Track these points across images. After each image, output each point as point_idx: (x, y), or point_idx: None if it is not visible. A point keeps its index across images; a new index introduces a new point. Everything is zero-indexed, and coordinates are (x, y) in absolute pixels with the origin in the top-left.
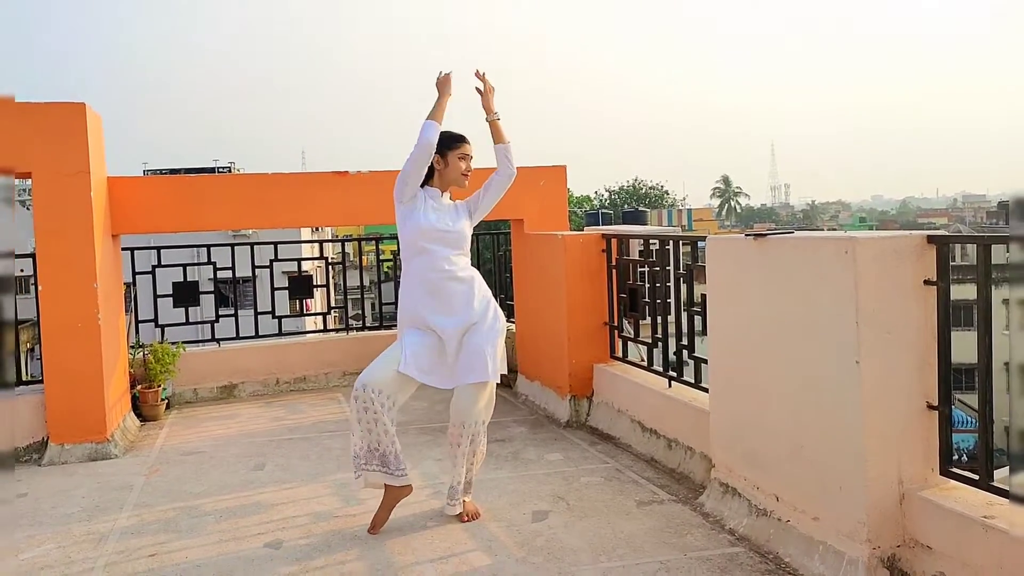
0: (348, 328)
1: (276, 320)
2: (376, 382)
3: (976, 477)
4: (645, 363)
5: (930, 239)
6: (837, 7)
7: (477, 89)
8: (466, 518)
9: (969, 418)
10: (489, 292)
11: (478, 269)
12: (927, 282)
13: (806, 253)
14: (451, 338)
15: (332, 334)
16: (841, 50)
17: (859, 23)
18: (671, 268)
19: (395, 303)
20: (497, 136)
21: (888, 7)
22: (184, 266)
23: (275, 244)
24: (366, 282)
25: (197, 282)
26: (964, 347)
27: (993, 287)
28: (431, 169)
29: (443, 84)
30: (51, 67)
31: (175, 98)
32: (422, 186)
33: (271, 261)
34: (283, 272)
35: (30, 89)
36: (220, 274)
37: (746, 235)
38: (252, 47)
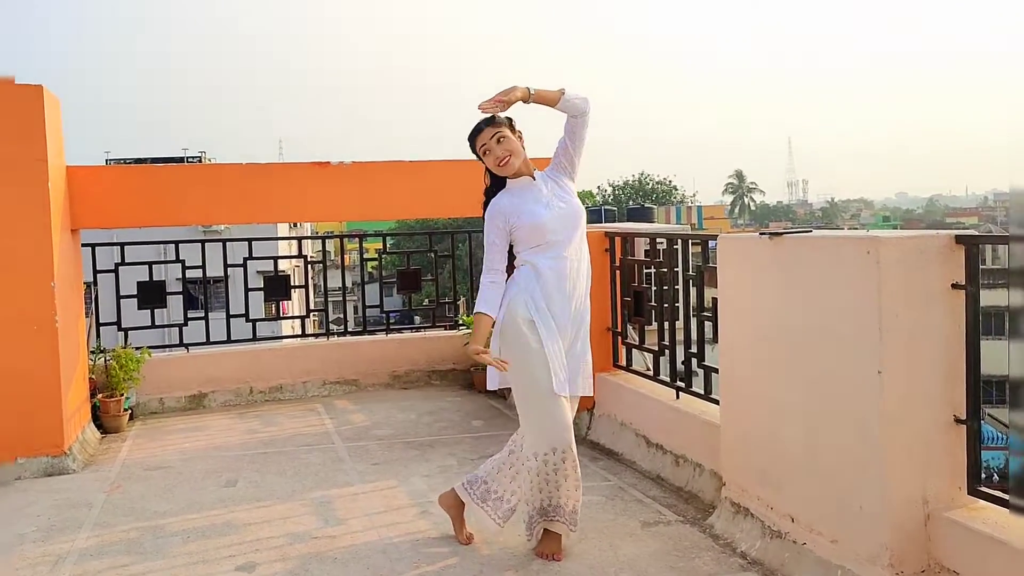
0: (329, 333)
1: (250, 324)
2: (566, 432)
3: (1008, 497)
4: (651, 372)
5: (958, 239)
6: None
7: (484, 106)
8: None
9: (999, 434)
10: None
11: (469, 270)
12: (955, 286)
13: (825, 254)
14: (571, 336)
15: (311, 339)
16: (863, 35)
17: (883, 7)
18: (679, 270)
19: (379, 305)
20: (549, 101)
21: None
22: (150, 264)
23: (249, 241)
24: (348, 283)
25: (164, 282)
26: (994, 357)
27: None
28: (490, 172)
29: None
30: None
31: (140, 84)
32: (494, 195)
33: (245, 259)
34: (258, 272)
35: None
36: (189, 273)
37: (761, 234)
38: (224, 28)
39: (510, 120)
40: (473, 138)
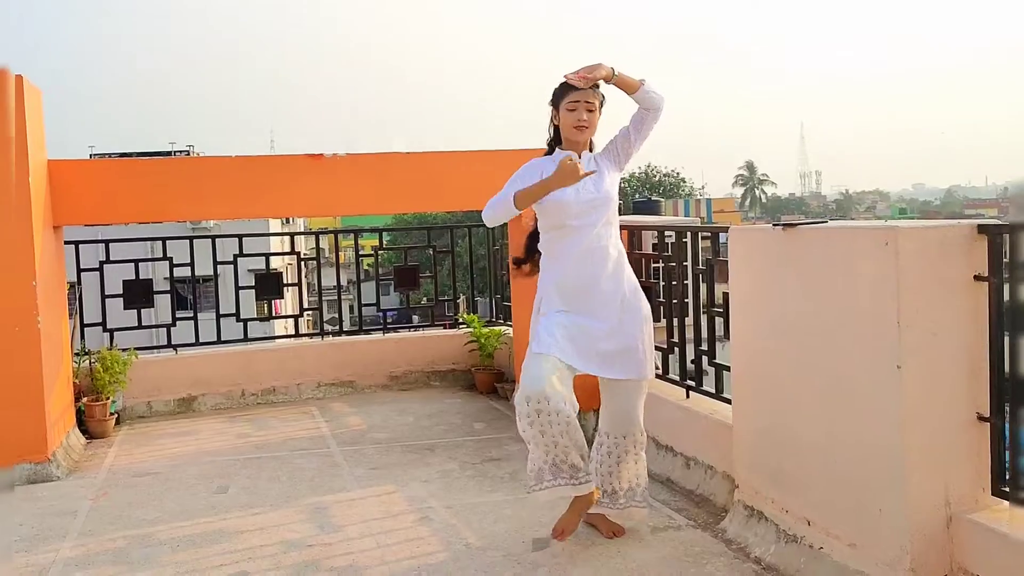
0: (324, 333)
1: (241, 324)
2: (537, 384)
3: None
4: (660, 371)
5: (981, 229)
6: None
7: (569, 77)
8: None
9: None
10: (633, 274)
11: (469, 266)
12: (977, 277)
13: (842, 245)
14: (599, 325)
15: (305, 340)
16: (878, 17)
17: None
18: (689, 264)
19: (376, 303)
20: (629, 87)
21: None
22: (136, 262)
23: (240, 237)
24: (343, 281)
25: (151, 280)
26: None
27: None
28: (556, 131)
29: (567, 180)
30: None
31: (125, 75)
32: (550, 153)
33: (235, 256)
34: (249, 270)
35: None
36: (177, 271)
37: (774, 225)
38: (212, 16)
39: (604, 98)
40: (567, 90)
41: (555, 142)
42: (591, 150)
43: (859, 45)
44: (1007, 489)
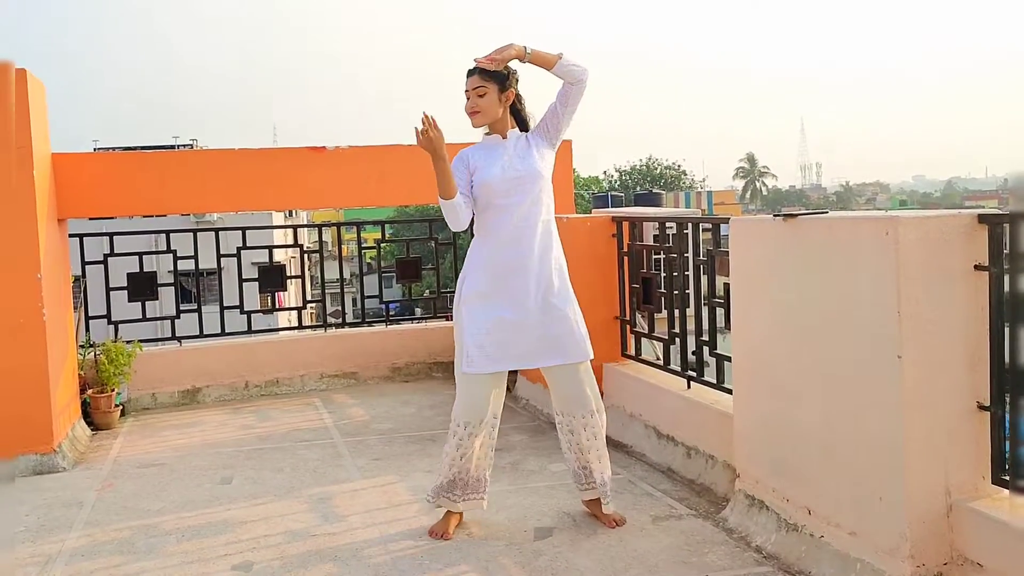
0: (326, 325)
1: (245, 316)
2: (474, 412)
3: None
4: (661, 362)
5: (981, 219)
6: None
7: (478, 61)
8: (612, 523)
9: None
10: (563, 257)
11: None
12: (978, 267)
13: (842, 235)
14: (527, 309)
15: (308, 332)
16: (878, 11)
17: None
18: (690, 255)
19: (379, 295)
20: (545, 63)
21: None
22: (140, 255)
23: (243, 230)
24: (346, 274)
25: (155, 273)
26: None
27: None
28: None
29: (429, 146)
30: None
31: (128, 69)
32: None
33: (239, 249)
34: (252, 262)
35: None
36: (181, 264)
37: (775, 216)
38: (215, 13)
39: (505, 78)
40: (467, 76)
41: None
42: (525, 130)
43: (859, 39)
44: (1007, 478)
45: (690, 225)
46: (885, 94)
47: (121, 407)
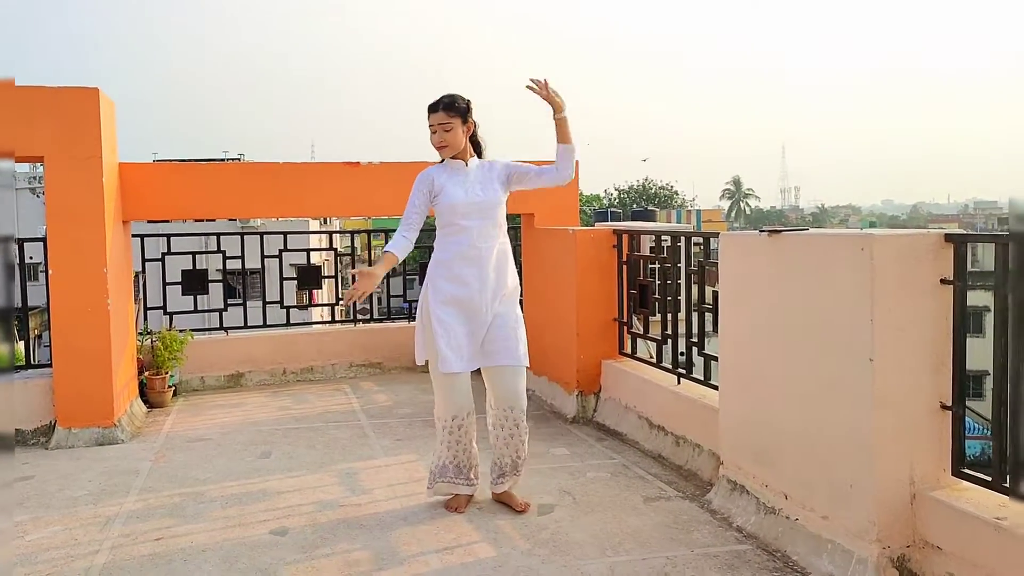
0: (356, 320)
1: (284, 310)
2: (458, 408)
3: (989, 479)
4: (654, 360)
5: (948, 237)
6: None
7: (530, 87)
8: (520, 507)
9: (976, 424)
10: (516, 274)
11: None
12: (944, 281)
13: (822, 250)
14: (481, 316)
15: (339, 326)
16: (851, 51)
17: (866, 26)
18: (682, 265)
19: (403, 295)
20: (560, 135)
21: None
22: (193, 254)
23: (284, 234)
24: None
25: (206, 271)
26: (971, 354)
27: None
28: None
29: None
30: (66, 54)
31: (186, 90)
32: (440, 161)
33: (280, 251)
34: (291, 264)
35: (42, 74)
36: (229, 263)
37: (760, 231)
38: (261, 40)
39: (467, 112)
40: (427, 113)
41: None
42: (479, 152)
43: (835, 73)
44: (966, 470)
45: (683, 238)
46: (860, 123)
47: (173, 388)
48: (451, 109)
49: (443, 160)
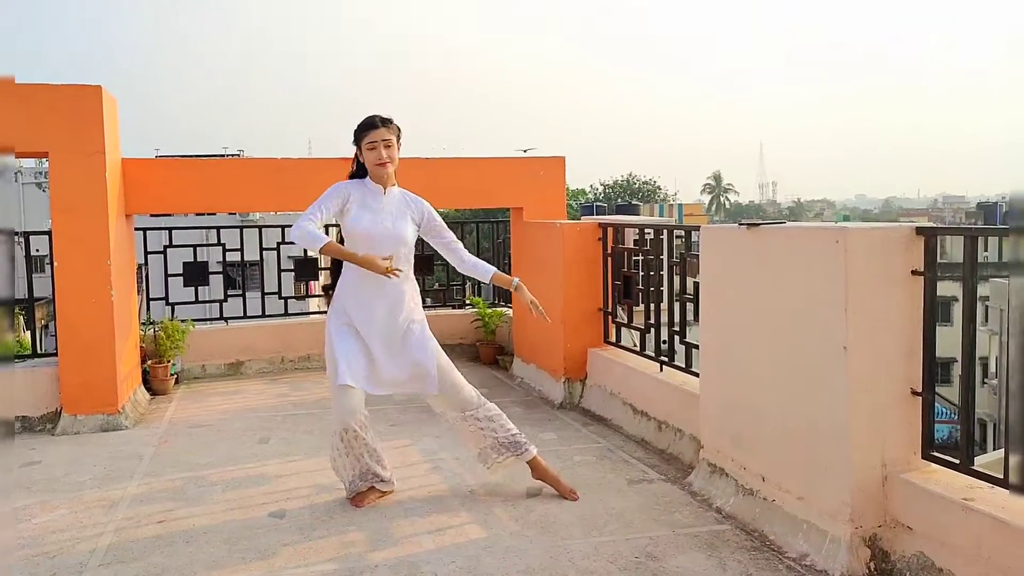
0: None
1: (282, 301)
2: (350, 417)
3: (957, 461)
4: (637, 348)
5: (919, 230)
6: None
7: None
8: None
9: (944, 409)
10: (421, 308)
11: (477, 256)
12: (915, 272)
13: (799, 242)
14: (396, 345)
15: None
16: (822, 53)
17: (837, 28)
18: (665, 257)
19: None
20: (499, 284)
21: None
22: (194, 247)
23: (282, 228)
24: None
25: (207, 263)
26: (940, 342)
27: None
28: (361, 165)
29: (372, 265)
30: (66, 54)
31: (187, 88)
32: (359, 177)
33: (278, 244)
34: (289, 256)
35: (45, 73)
36: (229, 256)
37: (739, 224)
38: (261, 40)
39: (399, 130)
40: (367, 129)
41: (360, 174)
42: (394, 184)
43: (810, 67)
44: (935, 454)
45: (666, 232)
46: (835, 120)
47: (175, 376)
48: (391, 126)
49: (364, 178)
